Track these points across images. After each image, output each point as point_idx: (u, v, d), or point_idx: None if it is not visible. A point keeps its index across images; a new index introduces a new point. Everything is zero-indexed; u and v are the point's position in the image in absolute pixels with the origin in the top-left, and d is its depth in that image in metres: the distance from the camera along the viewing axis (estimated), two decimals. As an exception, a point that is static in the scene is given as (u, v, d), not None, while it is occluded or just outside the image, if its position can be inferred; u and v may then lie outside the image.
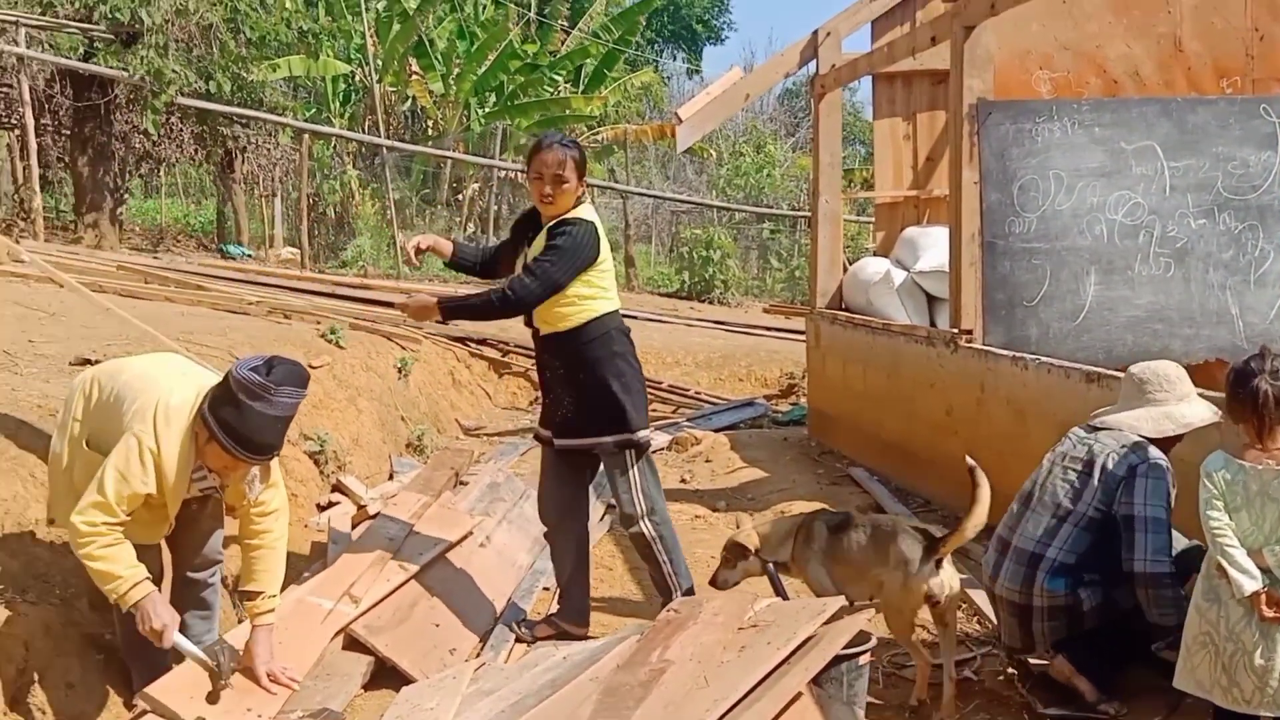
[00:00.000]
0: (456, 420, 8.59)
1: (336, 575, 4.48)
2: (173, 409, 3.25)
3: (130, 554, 3.24)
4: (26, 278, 8.66)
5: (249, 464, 3.30)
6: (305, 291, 9.90)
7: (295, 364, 3.31)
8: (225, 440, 3.16)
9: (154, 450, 3.20)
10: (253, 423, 3.15)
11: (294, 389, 3.23)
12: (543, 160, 4.04)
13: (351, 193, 16.67)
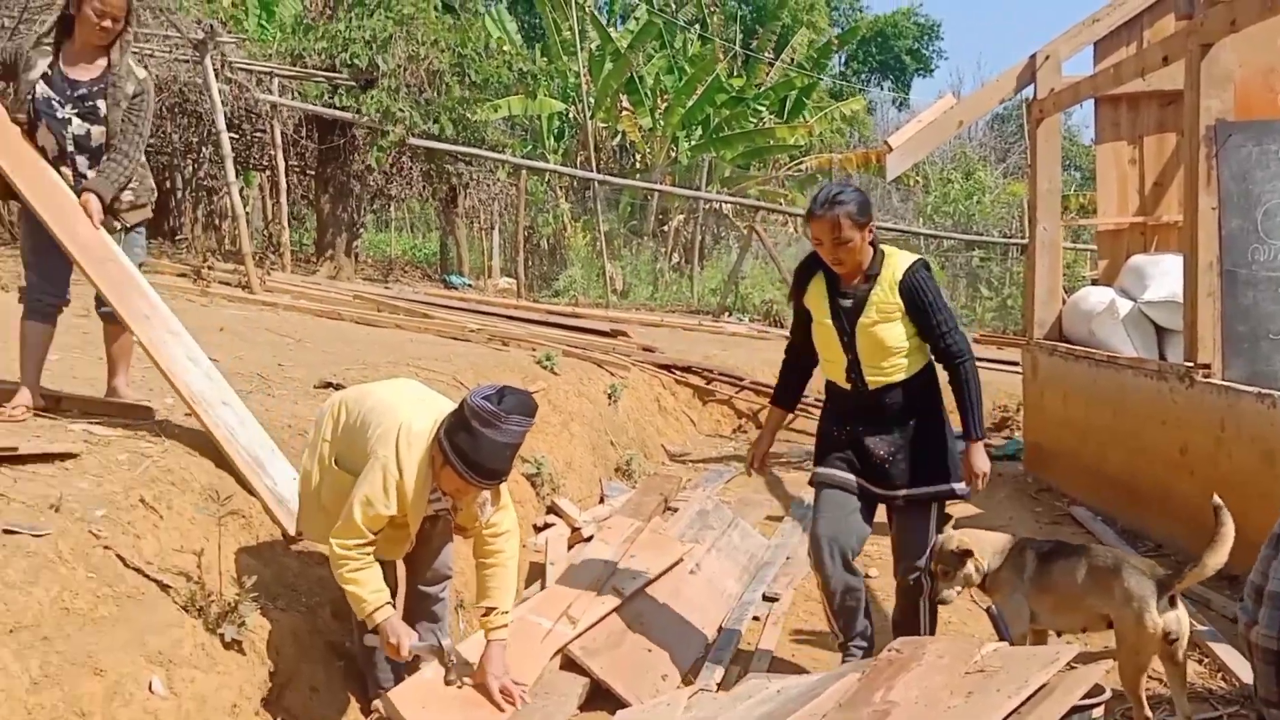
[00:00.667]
0: (663, 446, 8.73)
1: (555, 596, 4.65)
2: (414, 435, 3.48)
3: (376, 577, 3.50)
4: (276, 306, 9.39)
5: (480, 488, 3.48)
6: (521, 319, 10.31)
7: (525, 394, 3.48)
8: (459, 465, 3.36)
9: (397, 476, 3.44)
10: (485, 449, 3.34)
11: (523, 418, 3.40)
12: (818, 229, 3.87)
13: (564, 225, 17.24)
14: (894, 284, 3.87)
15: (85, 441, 3.98)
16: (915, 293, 3.86)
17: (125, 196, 4.44)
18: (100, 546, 3.30)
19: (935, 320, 3.86)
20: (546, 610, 4.49)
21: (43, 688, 2.68)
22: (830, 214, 3.81)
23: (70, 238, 4.27)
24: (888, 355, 3.91)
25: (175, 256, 11.88)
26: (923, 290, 3.86)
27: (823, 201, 3.86)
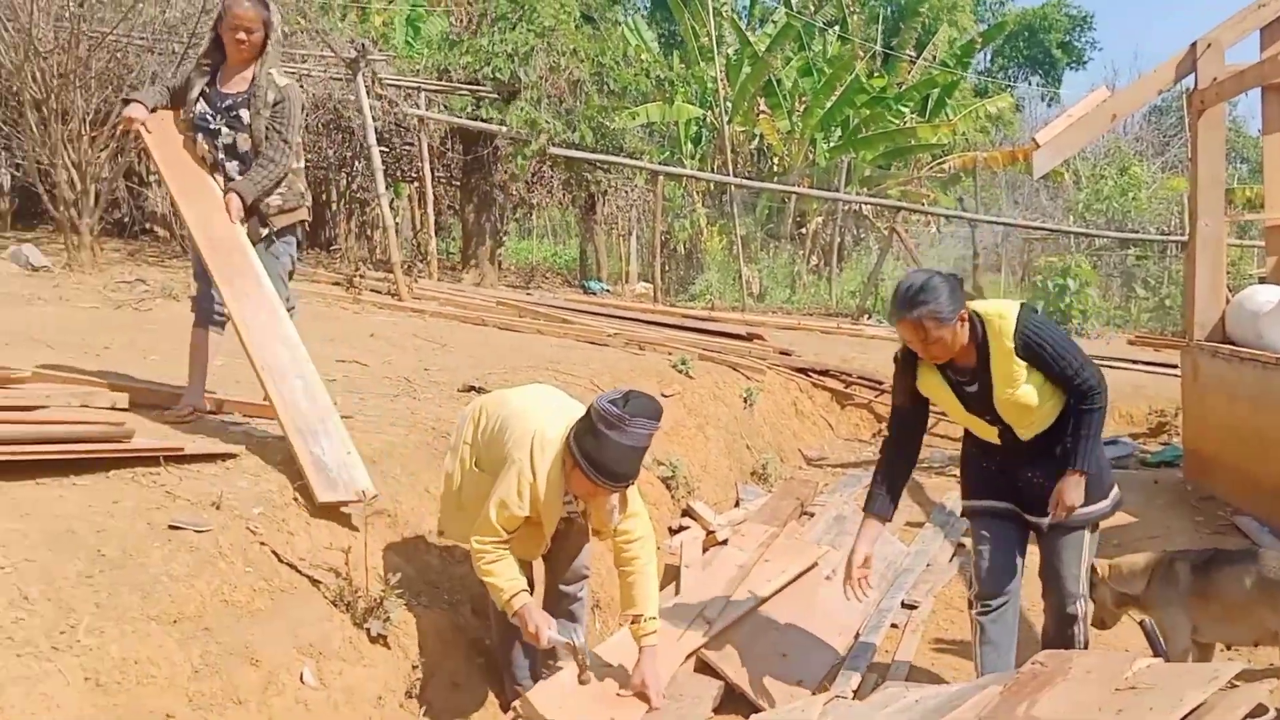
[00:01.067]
0: (799, 450, 8.66)
1: (690, 598, 4.67)
2: (547, 441, 3.58)
3: (512, 568, 3.62)
4: (422, 313, 9.70)
5: (607, 490, 3.55)
6: (657, 324, 10.37)
7: (650, 398, 3.53)
8: (586, 467, 3.44)
9: (530, 480, 3.55)
10: (610, 452, 3.41)
11: (647, 420, 3.45)
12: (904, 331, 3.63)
13: (700, 229, 17.28)
14: (1009, 352, 3.62)
15: (244, 443, 4.19)
16: (1036, 349, 3.61)
17: (273, 201, 4.62)
18: (257, 542, 3.48)
19: (1062, 366, 3.61)
20: (681, 612, 4.52)
21: (203, 676, 2.84)
22: (912, 316, 3.53)
23: (203, 230, 4.45)
24: (1036, 411, 3.71)
25: (330, 266, 12.39)
26: (1041, 344, 3.61)
27: (903, 302, 3.55)
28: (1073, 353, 3.62)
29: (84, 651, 2.61)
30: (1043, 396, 3.66)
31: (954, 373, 3.73)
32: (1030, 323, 3.64)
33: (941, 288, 3.53)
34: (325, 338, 7.41)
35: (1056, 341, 3.63)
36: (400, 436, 4.79)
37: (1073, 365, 3.61)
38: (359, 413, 5.06)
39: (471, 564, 3.64)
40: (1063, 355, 3.61)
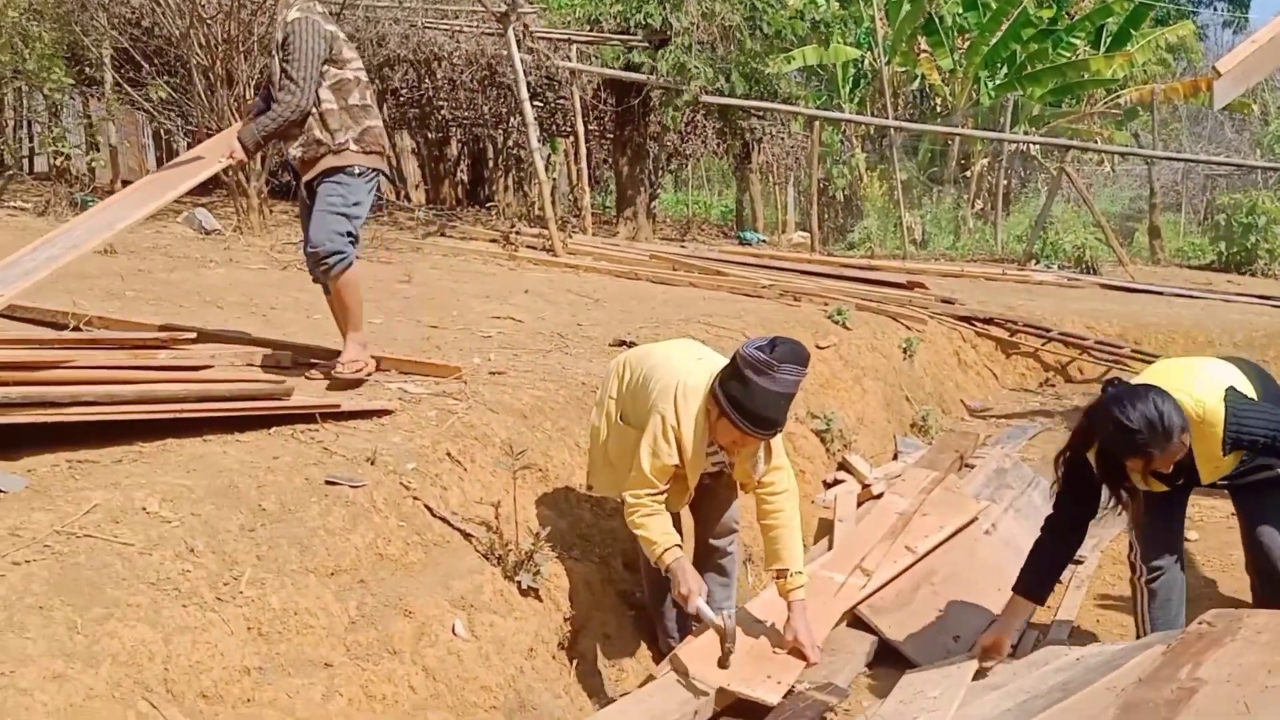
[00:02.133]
0: (962, 401, 8.38)
1: (847, 551, 4.61)
2: (690, 389, 3.54)
3: (665, 522, 3.59)
4: (577, 268, 9.79)
5: (755, 438, 3.48)
6: (814, 274, 10.18)
7: (797, 343, 3.44)
8: (733, 414, 3.38)
9: (675, 427, 3.51)
10: (758, 398, 3.34)
11: (795, 366, 3.37)
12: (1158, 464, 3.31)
13: (859, 175, 16.83)
14: (1219, 454, 3.40)
15: (400, 399, 4.31)
16: (1246, 445, 3.36)
17: (293, 153, 4.46)
18: (410, 497, 3.59)
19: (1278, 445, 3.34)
20: (838, 565, 4.46)
21: (359, 627, 2.95)
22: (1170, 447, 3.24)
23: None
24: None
25: (487, 223, 12.62)
26: (1252, 438, 3.34)
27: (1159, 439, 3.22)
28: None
29: (246, 602, 2.75)
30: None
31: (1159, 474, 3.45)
32: (1239, 423, 3.35)
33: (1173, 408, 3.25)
34: (481, 295, 7.56)
35: (1269, 428, 3.33)
36: (551, 392, 4.84)
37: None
38: (512, 368, 5.14)
39: (623, 517, 3.65)
40: (1276, 437, 3.32)
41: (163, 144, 17.28)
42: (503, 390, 4.64)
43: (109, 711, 2.31)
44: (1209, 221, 17.61)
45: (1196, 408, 3.34)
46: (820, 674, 3.74)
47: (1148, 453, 3.25)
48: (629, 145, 14.28)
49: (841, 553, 4.62)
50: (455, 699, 3.05)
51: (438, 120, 15.59)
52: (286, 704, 2.61)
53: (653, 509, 3.59)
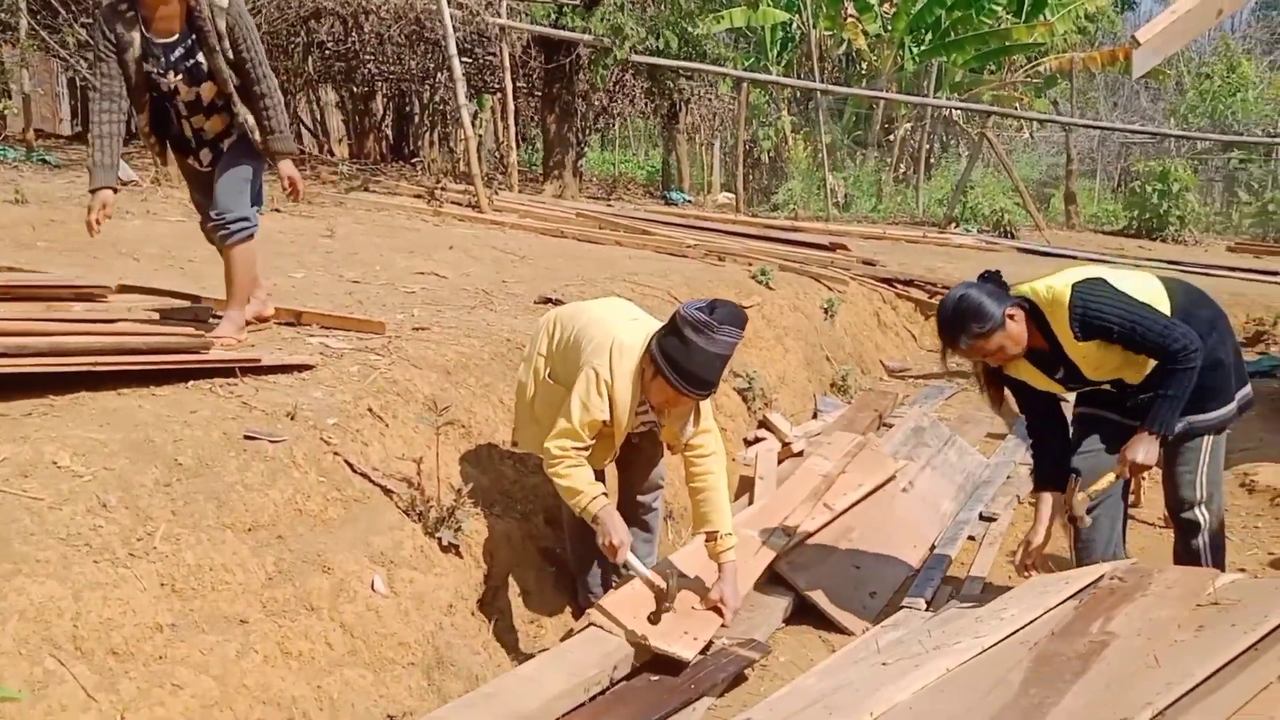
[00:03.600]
0: (881, 361, 8.53)
1: (768, 510, 4.66)
2: (626, 347, 3.56)
3: (589, 474, 3.61)
4: (502, 225, 9.71)
5: (688, 398, 3.50)
6: (738, 234, 10.23)
7: (736, 306, 3.48)
8: (669, 373, 3.41)
9: (609, 382, 3.52)
10: (695, 358, 3.37)
11: (733, 329, 3.41)
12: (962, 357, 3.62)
13: (785, 138, 16.91)
14: (1072, 338, 3.46)
15: (321, 354, 4.25)
16: (1098, 330, 3.41)
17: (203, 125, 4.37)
18: (331, 453, 3.54)
19: (1137, 339, 3.38)
20: (759, 523, 4.51)
21: (276, 582, 2.92)
22: (961, 345, 3.50)
23: None
24: (1135, 365, 3.53)
25: (412, 179, 12.43)
26: (1105, 323, 3.39)
27: (945, 334, 3.52)
28: (1146, 318, 3.37)
29: (160, 558, 2.69)
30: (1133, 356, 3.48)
31: (1036, 361, 3.60)
32: (1084, 304, 3.42)
33: (973, 301, 3.45)
34: (405, 249, 7.47)
35: (1122, 314, 3.39)
36: (475, 348, 4.81)
37: (1151, 332, 3.36)
38: (436, 324, 5.09)
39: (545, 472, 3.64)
40: (1134, 326, 3.38)
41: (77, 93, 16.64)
42: (426, 346, 4.60)
43: (14, 668, 2.26)
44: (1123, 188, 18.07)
45: (1046, 293, 3.48)
46: (739, 629, 3.80)
47: (947, 337, 3.50)
48: (557, 103, 14.13)
49: (762, 511, 4.69)
50: (373, 655, 3.03)
51: (363, 74, 15.25)
52: (200, 661, 2.57)
53: (576, 461, 3.60)
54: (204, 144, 4.45)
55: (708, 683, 3.44)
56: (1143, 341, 3.39)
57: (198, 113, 4.35)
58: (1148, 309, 3.41)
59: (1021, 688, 2.60)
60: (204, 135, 4.42)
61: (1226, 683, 2.58)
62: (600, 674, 3.27)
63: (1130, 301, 3.42)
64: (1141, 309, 3.40)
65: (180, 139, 4.45)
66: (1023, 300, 3.53)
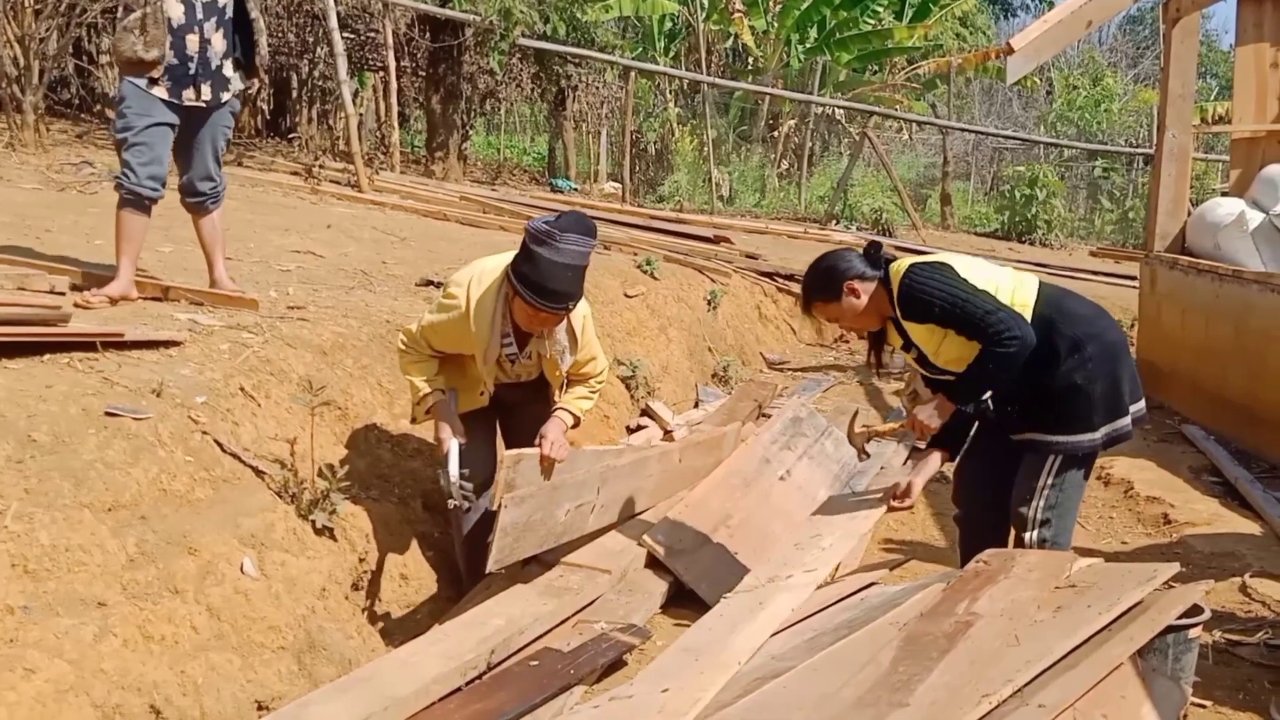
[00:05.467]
0: (761, 353, 8.66)
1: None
2: (485, 272, 3.66)
3: (431, 370, 3.75)
4: (383, 205, 9.51)
5: (548, 315, 3.53)
6: (624, 224, 10.24)
7: (582, 215, 3.54)
8: (521, 290, 3.46)
9: (462, 309, 3.59)
10: (543, 269, 3.41)
11: (579, 236, 3.45)
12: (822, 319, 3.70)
13: (671, 129, 16.98)
14: (900, 315, 3.46)
15: (190, 330, 4.09)
16: (920, 306, 3.37)
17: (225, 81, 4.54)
18: (199, 432, 3.42)
19: (958, 315, 3.31)
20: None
21: (139, 564, 2.80)
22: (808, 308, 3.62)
23: None
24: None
25: (288, 155, 12.08)
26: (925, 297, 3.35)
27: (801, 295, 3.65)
28: (971, 300, 3.30)
29: (11, 538, 2.55)
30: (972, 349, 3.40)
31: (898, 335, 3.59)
32: (911, 281, 3.38)
33: (823, 269, 3.53)
34: (281, 228, 7.25)
35: (946, 294, 3.33)
36: (353, 329, 4.70)
37: (972, 313, 3.29)
38: (312, 303, 4.96)
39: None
40: (954, 306, 3.31)
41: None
42: (302, 326, 4.47)
43: None
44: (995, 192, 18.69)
45: (896, 269, 3.46)
46: (618, 613, 3.81)
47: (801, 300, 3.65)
48: (442, 85, 13.89)
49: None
50: (240, 639, 2.94)
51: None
52: (54, 645, 2.45)
53: (420, 357, 3.73)
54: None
55: (587, 667, 3.42)
56: (963, 320, 3.31)
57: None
58: (979, 293, 3.33)
59: (891, 665, 2.67)
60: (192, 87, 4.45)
61: (1082, 661, 2.69)
62: (477, 658, 3.23)
63: (961, 284, 3.35)
64: (971, 292, 3.33)
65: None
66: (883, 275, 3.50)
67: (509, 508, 3.53)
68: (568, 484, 3.86)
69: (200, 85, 4.42)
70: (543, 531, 3.80)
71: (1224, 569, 4.34)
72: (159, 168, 4.44)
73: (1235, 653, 3.68)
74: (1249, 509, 5.09)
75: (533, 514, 3.69)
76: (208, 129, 4.54)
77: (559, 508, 3.85)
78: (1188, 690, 3.11)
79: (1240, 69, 7.76)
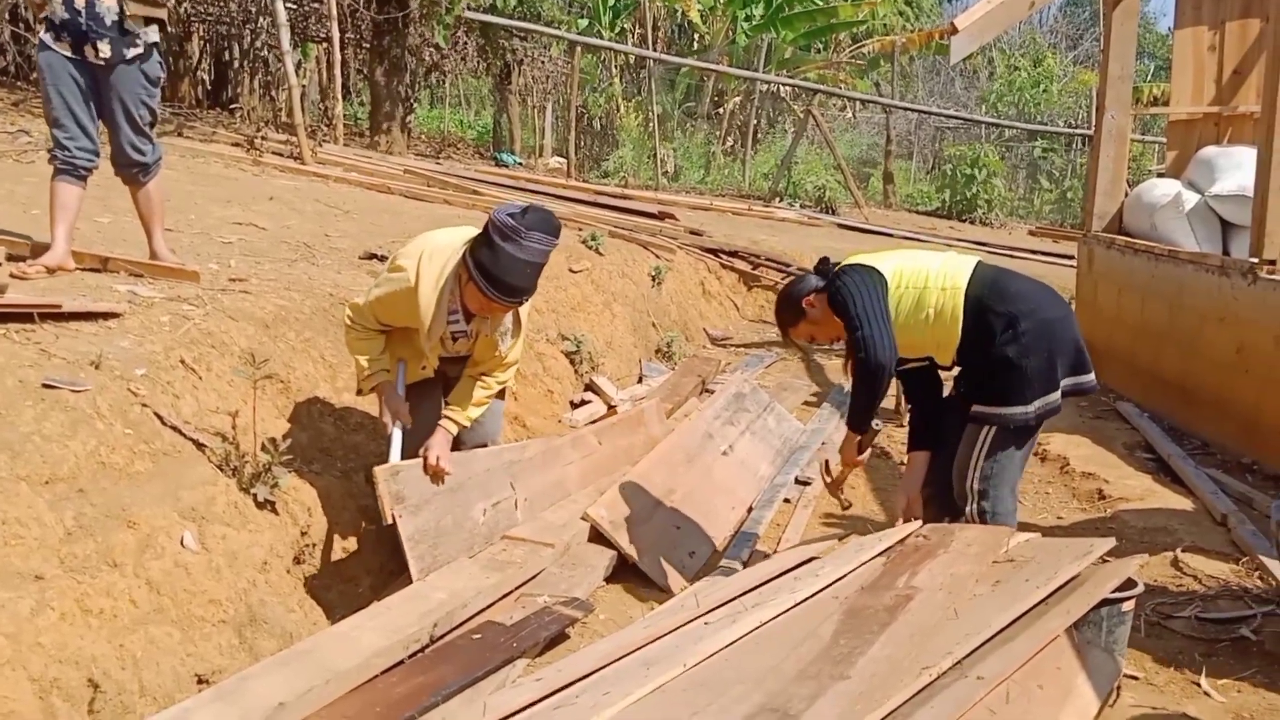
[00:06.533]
0: (705, 330, 8.70)
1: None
2: (437, 248, 3.62)
3: (376, 348, 3.74)
4: (326, 178, 9.38)
5: (501, 306, 3.53)
6: (569, 199, 10.21)
7: (549, 213, 3.50)
8: (479, 279, 3.43)
9: (411, 284, 3.56)
10: (504, 264, 3.39)
11: (544, 235, 3.43)
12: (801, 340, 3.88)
13: (617, 105, 16.92)
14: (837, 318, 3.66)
15: (129, 302, 4.03)
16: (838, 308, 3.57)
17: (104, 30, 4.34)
18: (139, 404, 3.36)
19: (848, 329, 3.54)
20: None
21: (76, 538, 2.75)
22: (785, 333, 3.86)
23: None
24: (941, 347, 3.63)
25: (230, 126, 11.85)
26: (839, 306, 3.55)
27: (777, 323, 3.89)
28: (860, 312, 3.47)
29: (-57, 510, 2.51)
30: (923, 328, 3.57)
31: None
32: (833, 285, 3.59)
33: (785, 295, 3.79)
34: (222, 199, 7.13)
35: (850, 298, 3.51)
36: (296, 302, 4.65)
37: (851, 323, 3.50)
38: (254, 275, 4.89)
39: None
40: (845, 315, 3.52)
41: None
42: (244, 298, 4.41)
43: None
44: (937, 171, 18.88)
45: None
46: (560, 586, 3.83)
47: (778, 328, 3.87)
48: (387, 57, 13.70)
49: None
50: (181, 613, 2.91)
51: (178, 14, 14.39)
52: (-10, 618, 2.41)
53: (366, 334, 3.72)
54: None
55: (530, 641, 3.44)
56: (847, 335, 3.54)
57: None
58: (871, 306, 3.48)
59: (832, 639, 2.71)
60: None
61: (1020, 633, 2.75)
62: (420, 631, 3.23)
63: (866, 292, 3.50)
64: (866, 302, 3.49)
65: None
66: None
67: (405, 518, 3.58)
68: (469, 484, 3.89)
69: (98, 43, 4.31)
70: (463, 534, 3.83)
71: (1156, 544, 4.45)
72: (87, 139, 4.38)
73: (1167, 625, 3.79)
74: (1181, 485, 5.22)
75: (440, 519, 3.73)
76: (117, 90, 4.40)
77: (471, 508, 3.88)
78: (1121, 662, 3.20)
79: (1179, 51, 7.89)
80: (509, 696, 2.69)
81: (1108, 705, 2.99)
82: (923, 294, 3.57)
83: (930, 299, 3.56)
